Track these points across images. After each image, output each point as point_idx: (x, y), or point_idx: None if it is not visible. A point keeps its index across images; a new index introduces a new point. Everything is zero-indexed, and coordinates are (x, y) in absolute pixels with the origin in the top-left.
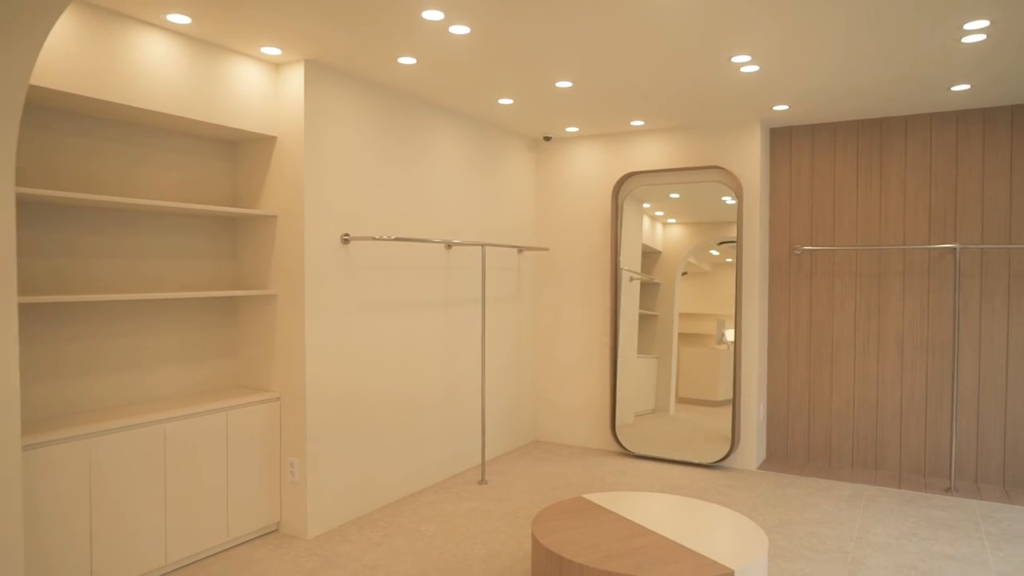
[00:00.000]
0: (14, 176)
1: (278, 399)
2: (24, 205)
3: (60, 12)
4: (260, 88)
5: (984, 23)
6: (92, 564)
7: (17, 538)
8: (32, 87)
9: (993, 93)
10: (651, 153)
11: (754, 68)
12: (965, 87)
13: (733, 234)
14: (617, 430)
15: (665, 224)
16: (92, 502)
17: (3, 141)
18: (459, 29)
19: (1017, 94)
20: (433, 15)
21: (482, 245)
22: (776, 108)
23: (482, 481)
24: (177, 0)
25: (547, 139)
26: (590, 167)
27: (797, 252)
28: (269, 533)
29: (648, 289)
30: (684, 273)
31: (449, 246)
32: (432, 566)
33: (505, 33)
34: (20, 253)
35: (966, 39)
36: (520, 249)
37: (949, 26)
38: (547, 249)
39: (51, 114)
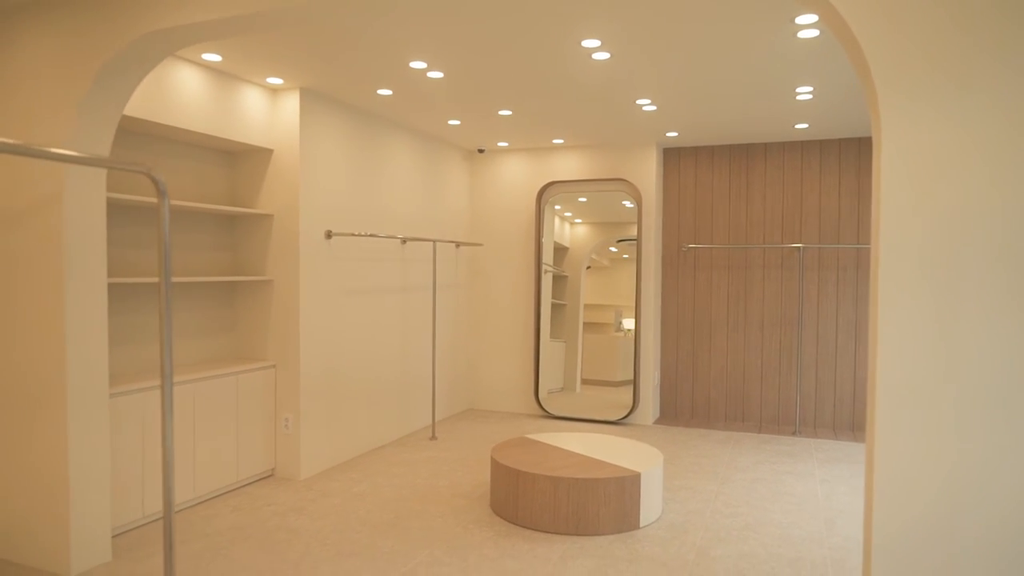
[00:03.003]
0: (105, 185)
1: (274, 366)
2: None
3: (156, 64)
4: (261, 109)
5: (810, 88)
6: (143, 493)
7: (106, 465)
8: None
9: (825, 130)
10: (569, 165)
11: (653, 108)
12: (805, 126)
13: (630, 233)
14: (540, 397)
15: (572, 223)
16: (144, 444)
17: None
18: (435, 74)
19: (841, 131)
20: (418, 64)
21: (433, 241)
22: (668, 134)
23: (433, 437)
24: (214, 42)
25: (480, 151)
26: (517, 176)
27: (684, 249)
28: (266, 477)
29: (558, 281)
30: (588, 267)
31: (404, 241)
32: (409, 493)
33: (470, 78)
34: None
35: (799, 97)
36: (458, 244)
37: (788, 89)
38: (481, 244)
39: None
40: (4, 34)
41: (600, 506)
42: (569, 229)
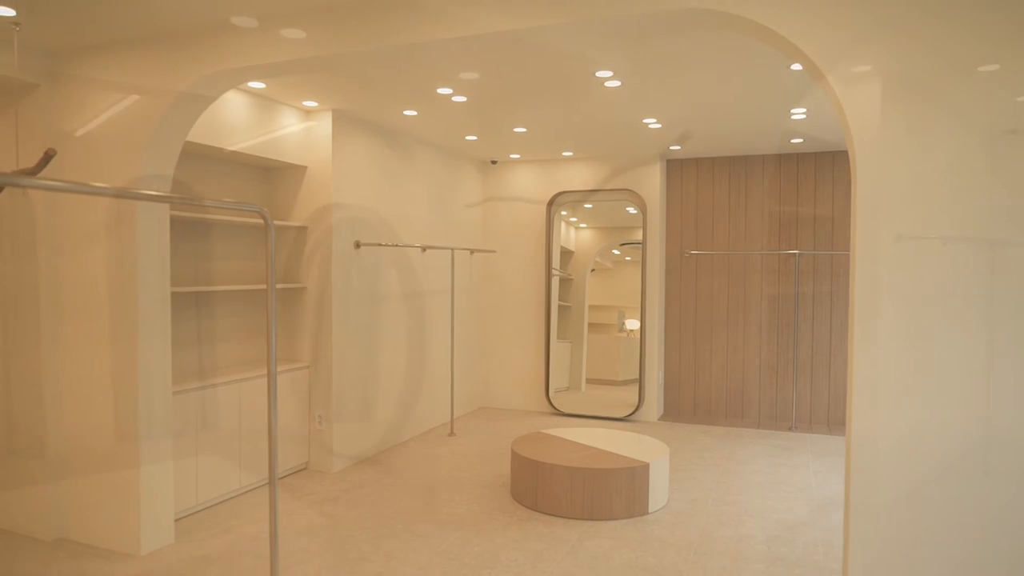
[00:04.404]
0: (169, 206)
1: (307, 367)
2: None
3: (218, 97)
4: (297, 129)
5: (803, 110)
6: (198, 483)
7: (170, 454)
8: None
9: (819, 144)
10: (577, 176)
11: (658, 125)
12: (800, 140)
13: (633, 237)
14: (550, 396)
15: (577, 228)
16: (198, 438)
17: (164, 179)
18: (459, 99)
19: (834, 144)
20: (445, 90)
21: (451, 248)
22: (672, 148)
23: (451, 433)
24: None
25: (493, 163)
26: (528, 186)
27: (686, 255)
28: (301, 470)
29: (563, 283)
30: (592, 270)
31: (424, 249)
32: (436, 482)
33: (490, 101)
34: None
35: (794, 117)
36: (472, 251)
37: (783, 110)
38: (494, 251)
39: None
40: (84, 71)
41: (613, 493)
42: (574, 233)
